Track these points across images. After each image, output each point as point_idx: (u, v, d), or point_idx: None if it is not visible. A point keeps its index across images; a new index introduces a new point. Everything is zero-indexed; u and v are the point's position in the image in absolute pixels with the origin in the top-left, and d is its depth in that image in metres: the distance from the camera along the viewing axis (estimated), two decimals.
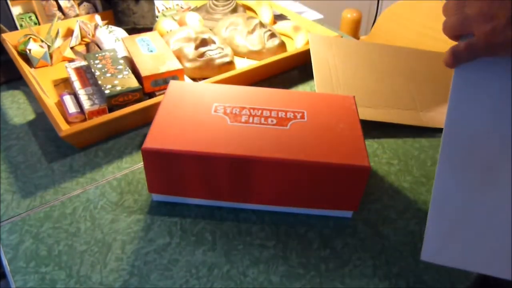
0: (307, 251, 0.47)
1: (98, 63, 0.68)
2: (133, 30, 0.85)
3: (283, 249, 0.47)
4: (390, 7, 1.10)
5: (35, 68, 0.77)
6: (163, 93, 0.64)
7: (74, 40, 0.84)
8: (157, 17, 0.94)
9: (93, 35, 0.83)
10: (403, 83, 0.73)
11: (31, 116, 0.67)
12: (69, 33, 0.86)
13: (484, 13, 0.33)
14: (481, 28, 0.33)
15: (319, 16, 1.11)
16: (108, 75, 0.65)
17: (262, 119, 0.50)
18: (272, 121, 0.50)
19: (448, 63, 0.37)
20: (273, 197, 0.49)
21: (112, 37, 0.78)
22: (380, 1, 1.95)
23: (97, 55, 0.69)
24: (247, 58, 0.83)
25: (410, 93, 0.71)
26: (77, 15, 0.90)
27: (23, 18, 0.87)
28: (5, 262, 0.45)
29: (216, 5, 0.96)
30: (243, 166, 0.46)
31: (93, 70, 0.66)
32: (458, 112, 0.37)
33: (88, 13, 0.92)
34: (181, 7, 0.99)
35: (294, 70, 0.82)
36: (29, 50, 0.76)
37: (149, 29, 0.87)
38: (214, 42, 0.78)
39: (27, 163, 0.58)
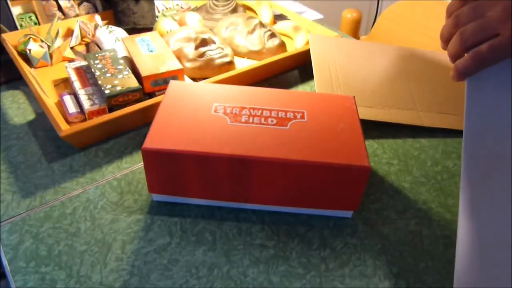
0: (307, 251, 0.47)
1: (98, 63, 0.68)
2: (133, 30, 0.85)
3: (283, 249, 0.47)
4: (390, 7, 1.10)
5: (35, 68, 0.77)
6: (163, 93, 0.64)
7: (74, 40, 0.84)
8: (157, 17, 0.94)
9: (93, 35, 0.83)
10: (403, 83, 0.73)
11: (31, 116, 0.67)
12: (69, 33, 0.86)
13: (508, 9, 0.32)
14: (506, 26, 0.32)
15: (319, 16, 1.11)
16: (108, 75, 0.65)
17: (262, 119, 0.50)
18: (272, 121, 0.50)
19: (465, 71, 0.35)
20: (273, 197, 0.49)
21: (112, 37, 0.78)
22: (380, 1, 1.95)
23: (97, 55, 0.69)
24: (247, 58, 0.83)
25: (410, 93, 0.71)
26: (77, 15, 0.90)
27: (23, 18, 0.87)
28: (5, 262, 0.45)
29: (216, 5, 0.96)
30: (243, 166, 0.46)
31: (93, 70, 0.66)
32: (477, 127, 0.35)
33: (88, 13, 0.92)
34: (181, 7, 0.99)
35: (294, 70, 0.82)
36: (29, 50, 0.76)
37: (149, 29, 0.87)
38: (214, 42, 0.78)
39: (27, 163, 0.58)
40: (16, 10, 0.86)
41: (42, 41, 0.78)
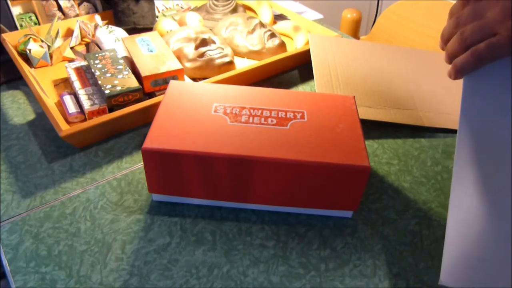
0: (307, 251, 0.47)
1: (98, 63, 0.68)
2: (133, 30, 0.85)
3: (283, 249, 0.47)
4: (390, 7, 1.10)
5: (35, 68, 0.77)
6: (163, 93, 0.64)
7: (74, 40, 0.84)
8: (157, 17, 0.94)
9: (93, 35, 0.83)
10: (403, 83, 0.73)
11: (31, 116, 0.67)
12: (69, 33, 0.86)
13: (506, 10, 0.33)
14: (504, 25, 0.33)
15: (319, 16, 1.11)
16: (108, 75, 0.65)
17: (262, 119, 0.50)
18: (272, 121, 0.50)
19: (463, 67, 0.36)
20: (273, 197, 0.49)
21: (112, 37, 0.78)
22: (380, 1, 1.95)
23: (97, 55, 0.69)
24: (247, 58, 0.83)
25: (410, 93, 0.71)
26: (77, 15, 0.90)
27: (23, 18, 0.87)
28: (5, 262, 0.45)
29: (216, 5, 0.96)
30: (243, 166, 0.46)
31: (93, 70, 0.66)
32: (473, 125, 0.36)
33: (88, 13, 0.92)
34: (181, 7, 0.99)
35: (294, 70, 0.82)
36: (29, 50, 0.76)
37: (149, 29, 0.87)
38: (214, 42, 0.78)
39: (27, 163, 0.58)
40: (16, 10, 0.86)
41: (42, 41, 0.78)
